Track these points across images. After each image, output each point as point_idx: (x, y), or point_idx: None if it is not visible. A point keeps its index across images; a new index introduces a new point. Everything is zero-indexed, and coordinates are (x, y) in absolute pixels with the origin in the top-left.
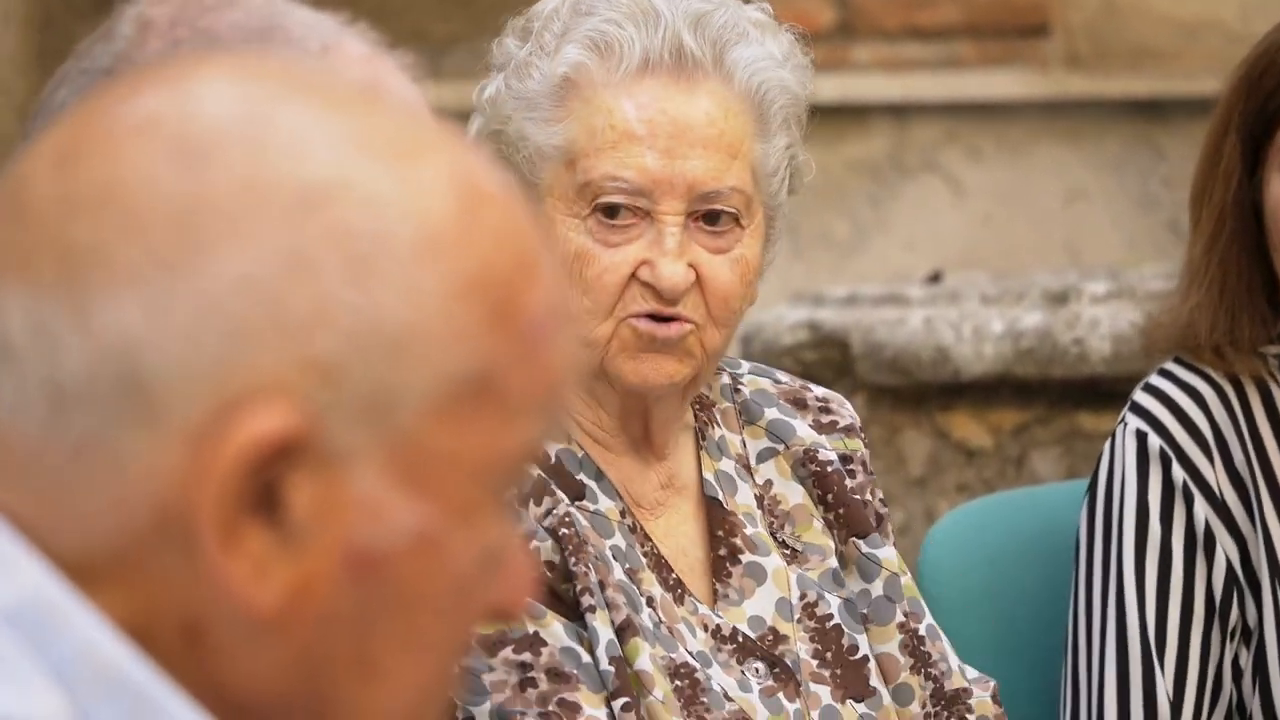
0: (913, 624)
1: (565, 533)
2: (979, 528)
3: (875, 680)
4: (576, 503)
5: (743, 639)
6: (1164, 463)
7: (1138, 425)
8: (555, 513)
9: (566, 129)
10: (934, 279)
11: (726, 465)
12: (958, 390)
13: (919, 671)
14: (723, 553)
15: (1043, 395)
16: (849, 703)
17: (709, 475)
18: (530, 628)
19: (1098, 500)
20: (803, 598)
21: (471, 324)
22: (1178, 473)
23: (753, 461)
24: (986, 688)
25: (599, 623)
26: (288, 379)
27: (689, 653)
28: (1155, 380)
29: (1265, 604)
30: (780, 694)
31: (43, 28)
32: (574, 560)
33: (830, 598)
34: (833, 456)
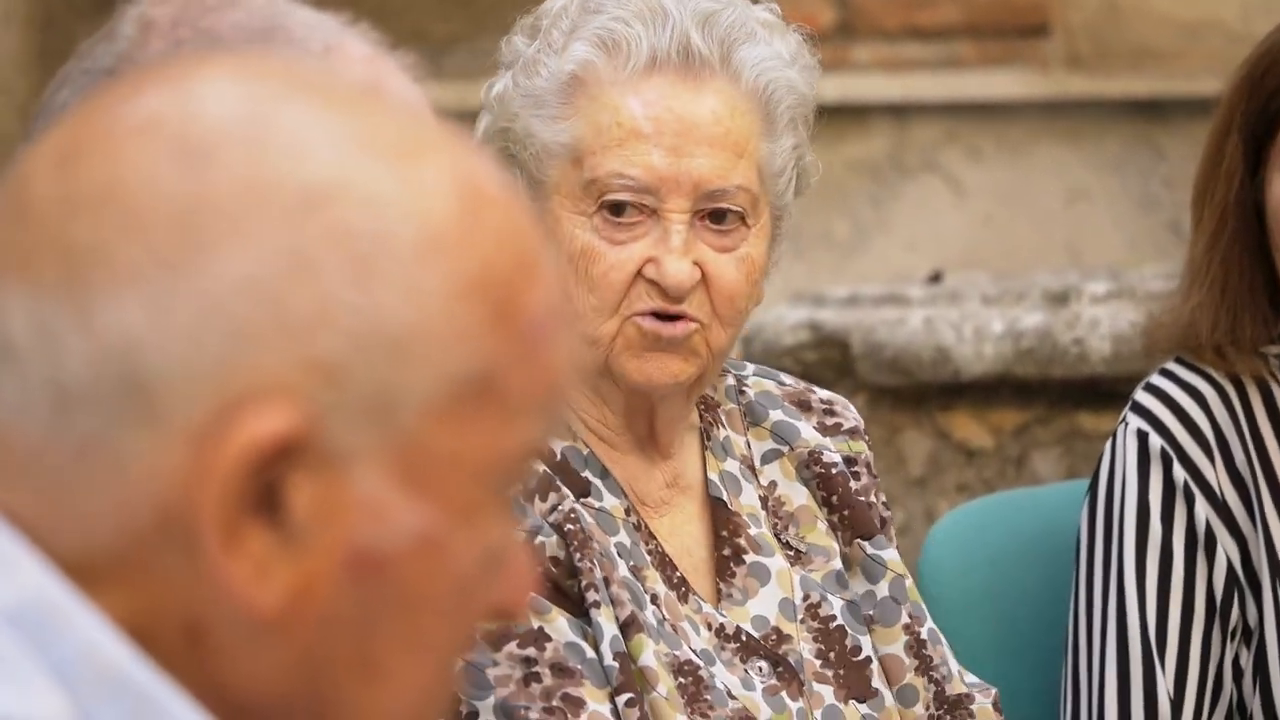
0: (916, 627)
1: (570, 528)
2: (979, 528)
3: (878, 681)
4: (582, 499)
5: (746, 638)
6: (1165, 462)
7: (1139, 425)
8: (561, 508)
9: (573, 126)
10: (934, 279)
11: (731, 466)
12: (958, 390)
13: (923, 674)
14: (727, 552)
15: (1043, 395)
16: (852, 703)
17: (714, 475)
18: (535, 623)
19: (1098, 500)
20: (806, 599)
21: (473, 324)
22: (1179, 472)
23: (757, 463)
24: (988, 695)
25: (603, 618)
26: (289, 379)
27: (692, 650)
28: (1156, 380)
29: (1266, 604)
30: (783, 693)
31: (44, 27)
32: (579, 556)
33: (833, 599)
34: (837, 458)
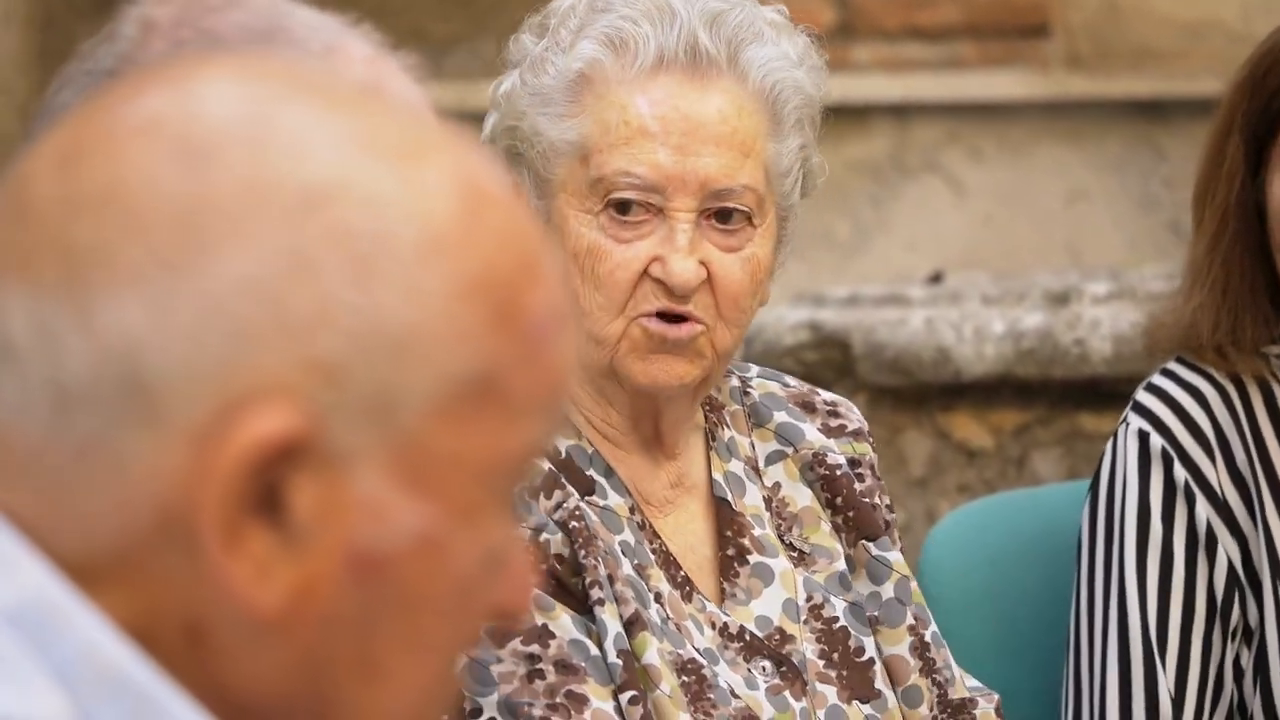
0: (920, 628)
1: (575, 526)
2: (980, 528)
3: (881, 683)
4: (586, 497)
5: (750, 637)
6: (1166, 462)
7: (1140, 425)
8: (565, 506)
9: (580, 124)
10: (935, 279)
11: (736, 467)
12: (959, 391)
13: (926, 675)
14: (731, 552)
15: (1044, 396)
16: (855, 704)
17: (718, 476)
18: (539, 620)
19: (1099, 500)
20: (809, 600)
21: (474, 325)
22: (1179, 472)
23: (761, 464)
24: (991, 700)
25: (607, 616)
26: (290, 380)
27: (696, 649)
28: (1158, 380)
29: (1266, 604)
30: (786, 692)
31: (44, 27)
32: (583, 553)
33: (835, 601)
34: (841, 460)
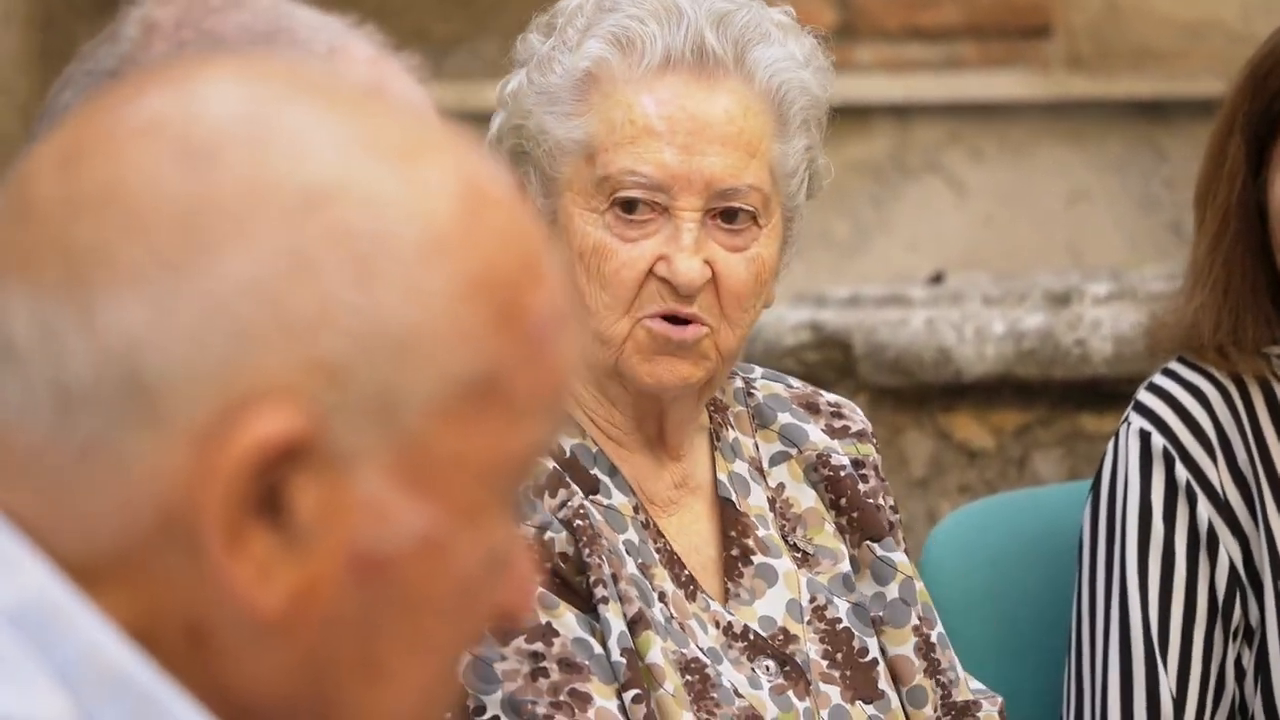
0: (925, 629)
1: (580, 524)
2: (981, 529)
3: (884, 683)
4: (590, 496)
5: (753, 637)
6: (1167, 462)
7: (1141, 425)
8: (570, 505)
9: (586, 123)
10: (936, 280)
11: (740, 468)
12: (959, 391)
13: (931, 676)
14: (735, 553)
15: (1044, 396)
16: (858, 704)
17: (723, 476)
18: (543, 618)
19: (1101, 499)
20: (812, 600)
21: (477, 325)
22: (1181, 473)
23: (765, 465)
24: (994, 703)
25: (611, 614)
26: (293, 380)
27: (700, 648)
28: (1159, 380)
29: (1268, 604)
30: (790, 692)
31: (44, 27)
32: (588, 552)
33: (839, 602)
34: (845, 461)
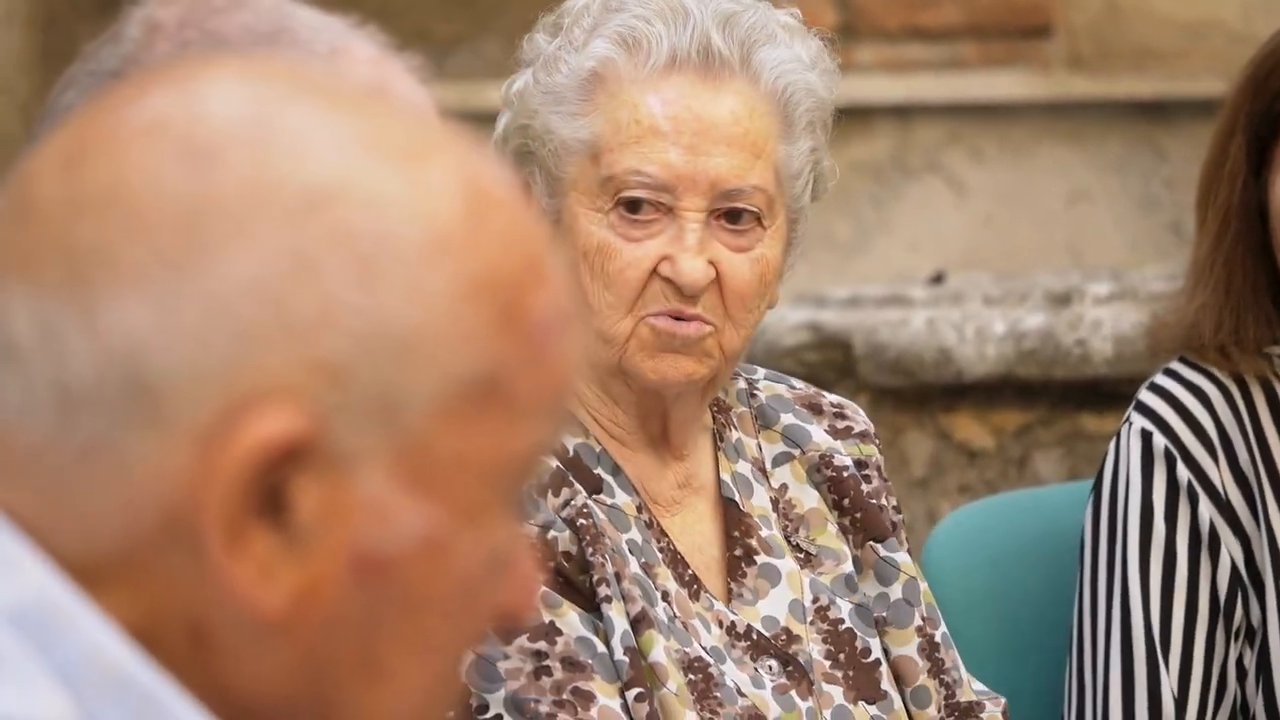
0: (929, 629)
1: (583, 523)
2: (981, 529)
3: (887, 684)
4: (594, 496)
5: (757, 636)
6: (1169, 462)
7: (1143, 425)
8: (573, 504)
9: (592, 123)
10: (936, 280)
11: (743, 468)
12: (960, 391)
13: (934, 676)
14: (738, 553)
15: (1045, 396)
16: (861, 704)
17: (726, 477)
18: (546, 617)
19: (1102, 500)
20: (815, 601)
21: (479, 326)
22: (1182, 472)
23: (768, 465)
24: (998, 704)
25: (614, 613)
26: (295, 381)
27: (703, 648)
28: (1160, 380)
29: (1269, 604)
30: (793, 692)
31: (46, 27)
32: (591, 551)
33: (841, 602)
34: (848, 462)
